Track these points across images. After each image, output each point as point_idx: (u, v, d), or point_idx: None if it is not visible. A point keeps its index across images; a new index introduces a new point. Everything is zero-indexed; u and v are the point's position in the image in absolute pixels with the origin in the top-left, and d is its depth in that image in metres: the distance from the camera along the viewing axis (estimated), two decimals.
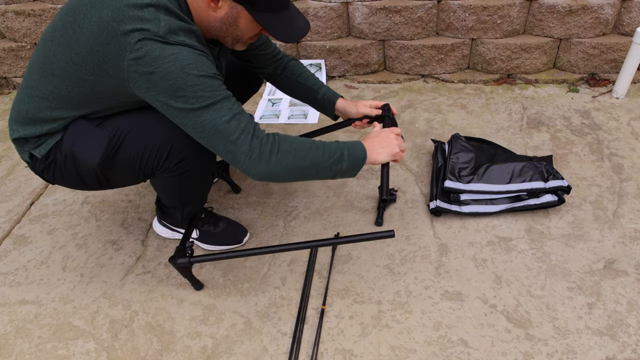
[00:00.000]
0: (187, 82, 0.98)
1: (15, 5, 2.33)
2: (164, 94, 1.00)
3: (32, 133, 1.18)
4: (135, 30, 0.95)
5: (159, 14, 0.98)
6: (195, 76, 0.99)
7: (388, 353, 1.24)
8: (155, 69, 0.96)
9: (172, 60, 0.97)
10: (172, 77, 0.97)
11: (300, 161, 1.11)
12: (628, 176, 1.74)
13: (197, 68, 0.99)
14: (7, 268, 1.54)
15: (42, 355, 1.28)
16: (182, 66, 0.97)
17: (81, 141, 1.16)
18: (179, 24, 1.00)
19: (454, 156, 1.69)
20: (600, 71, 2.31)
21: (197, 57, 1.00)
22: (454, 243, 1.53)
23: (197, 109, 1.01)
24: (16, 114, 1.19)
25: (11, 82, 2.56)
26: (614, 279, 1.38)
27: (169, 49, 0.97)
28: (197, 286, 1.42)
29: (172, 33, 0.98)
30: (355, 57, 2.37)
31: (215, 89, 1.02)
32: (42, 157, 1.20)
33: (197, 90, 0.99)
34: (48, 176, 1.25)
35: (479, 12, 2.17)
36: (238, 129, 1.04)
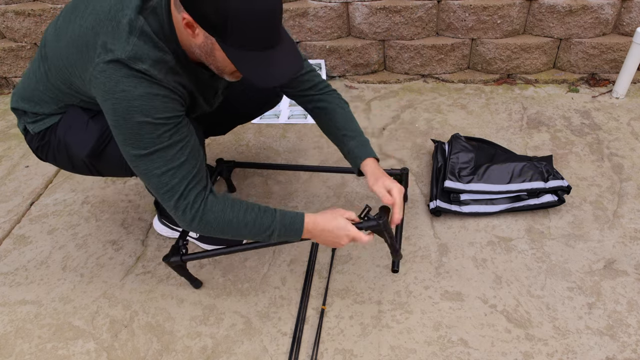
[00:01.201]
0: (128, 125, 0.96)
1: (15, 5, 2.33)
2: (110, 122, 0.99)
3: (30, 108, 1.21)
4: (104, 47, 0.94)
5: (131, 36, 0.95)
6: (137, 122, 0.95)
7: (388, 353, 1.24)
8: (106, 99, 0.96)
9: (120, 97, 0.94)
10: (116, 114, 0.96)
11: (222, 234, 1.09)
12: (628, 176, 1.74)
13: (143, 112, 0.95)
14: (7, 268, 1.54)
15: (42, 355, 1.28)
16: (128, 107, 0.94)
17: (74, 130, 1.18)
18: (149, 52, 0.96)
19: (454, 156, 1.69)
20: (600, 71, 2.31)
21: (148, 98, 0.96)
22: (454, 243, 1.53)
23: (133, 154, 1.00)
24: (20, 87, 1.23)
25: (11, 82, 2.56)
26: (614, 279, 1.38)
27: (123, 84, 0.93)
28: (195, 284, 1.42)
29: (136, 59, 0.94)
30: (355, 57, 2.37)
31: (156, 137, 0.97)
32: (35, 135, 1.24)
33: (136, 135, 0.97)
34: (41, 155, 1.29)
35: (479, 12, 2.17)
36: (167, 186, 1.01)
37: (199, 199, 1.04)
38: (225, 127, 1.66)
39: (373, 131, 2.07)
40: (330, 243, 1.18)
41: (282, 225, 1.12)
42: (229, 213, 1.07)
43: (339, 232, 1.15)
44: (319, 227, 1.14)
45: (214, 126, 1.63)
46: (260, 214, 1.10)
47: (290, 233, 1.13)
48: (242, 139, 2.07)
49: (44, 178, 1.91)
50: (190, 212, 1.04)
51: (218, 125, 1.63)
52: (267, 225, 1.10)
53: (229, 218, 1.07)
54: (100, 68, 0.94)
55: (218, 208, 1.07)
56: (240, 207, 1.09)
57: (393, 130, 2.07)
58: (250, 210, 1.10)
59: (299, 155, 1.95)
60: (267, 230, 1.11)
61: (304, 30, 2.32)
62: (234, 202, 1.09)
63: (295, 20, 2.28)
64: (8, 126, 2.27)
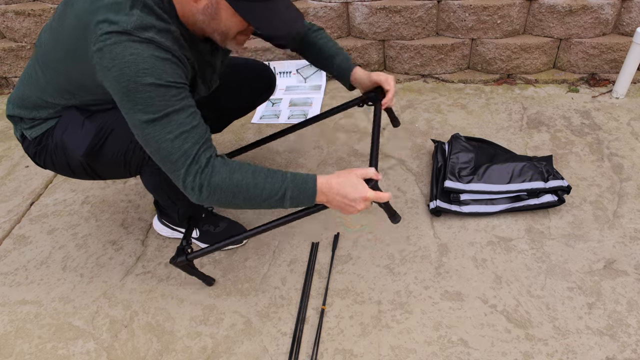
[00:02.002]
0: (138, 88, 0.93)
1: (15, 5, 2.33)
2: (117, 93, 0.96)
3: (27, 114, 1.21)
4: (105, 22, 0.92)
5: (134, 9, 0.94)
6: (147, 84, 0.93)
7: (388, 353, 1.24)
8: (112, 66, 0.92)
9: (130, 61, 0.92)
10: (125, 78, 0.92)
11: (232, 199, 1.03)
12: (628, 176, 1.74)
13: (154, 74, 0.93)
14: (7, 268, 1.54)
15: (42, 355, 1.28)
16: (137, 70, 0.92)
17: (70, 130, 1.17)
18: (154, 21, 0.96)
19: (454, 156, 1.69)
20: (600, 71, 2.31)
21: (158, 61, 0.94)
22: (454, 243, 1.53)
23: (144, 121, 0.96)
24: (15, 94, 1.23)
25: (11, 82, 2.56)
26: (614, 279, 1.38)
27: (131, 47, 0.92)
28: (207, 281, 1.41)
29: (141, 29, 0.93)
30: (355, 57, 2.37)
31: (167, 99, 0.95)
32: (33, 140, 1.23)
33: (147, 98, 0.94)
34: (39, 160, 1.28)
35: (479, 12, 2.17)
36: (180, 150, 0.98)
37: (210, 162, 1.01)
38: (221, 123, 1.66)
39: None
40: (345, 208, 1.10)
41: (294, 185, 1.05)
42: (237, 174, 1.03)
43: (355, 195, 1.07)
44: (333, 191, 1.07)
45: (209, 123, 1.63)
46: (270, 174, 1.05)
47: (303, 195, 1.07)
48: (242, 139, 2.07)
49: (44, 178, 1.91)
50: (201, 177, 0.99)
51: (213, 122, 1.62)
52: (278, 185, 1.04)
53: (237, 179, 1.02)
54: (104, 38, 0.92)
55: (226, 170, 1.02)
56: (249, 169, 1.05)
57: (393, 130, 2.07)
58: (259, 171, 1.05)
59: (299, 155, 1.95)
60: (279, 191, 1.04)
61: None
62: (242, 164, 1.05)
63: None
64: (8, 126, 2.27)
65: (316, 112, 2.22)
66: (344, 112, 2.21)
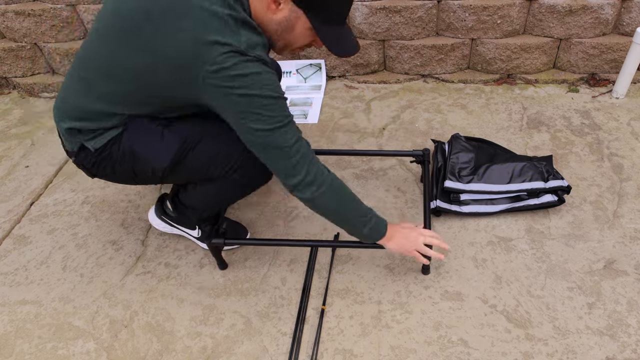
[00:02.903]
0: (263, 102, 1.01)
1: (15, 5, 2.33)
2: (237, 110, 1.02)
3: (87, 126, 1.17)
4: (217, 44, 0.95)
5: (238, 27, 0.99)
6: (270, 98, 1.02)
7: (388, 353, 1.24)
8: (234, 85, 0.98)
9: (252, 80, 0.99)
10: (250, 95, 0.99)
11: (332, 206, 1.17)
12: (628, 176, 1.74)
13: (273, 89, 1.02)
14: (7, 268, 1.54)
15: (42, 355, 1.28)
16: (261, 86, 1.00)
17: (146, 141, 1.18)
18: (257, 38, 1.02)
19: (454, 156, 1.69)
20: (600, 71, 2.31)
21: (272, 77, 1.03)
22: (454, 243, 1.53)
23: (267, 129, 1.04)
24: (66, 105, 1.19)
25: (11, 82, 2.56)
26: (614, 279, 1.38)
27: (249, 67, 0.98)
28: (222, 266, 1.47)
29: (250, 48, 0.99)
30: (355, 57, 2.37)
31: (284, 111, 1.06)
32: (95, 150, 1.19)
33: (271, 111, 1.02)
34: (97, 170, 1.24)
35: (479, 12, 2.17)
36: (299, 153, 1.08)
37: (323, 167, 1.14)
38: None
39: (373, 131, 2.07)
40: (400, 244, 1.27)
41: (377, 217, 1.24)
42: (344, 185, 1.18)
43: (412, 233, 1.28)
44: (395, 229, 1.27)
45: None
46: (360, 202, 1.22)
47: (378, 228, 1.24)
48: None
49: (44, 178, 1.91)
50: (321, 176, 1.12)
51: None
52: (366, 211, 1.22)
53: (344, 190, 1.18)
54: (221, 59, 0.96)
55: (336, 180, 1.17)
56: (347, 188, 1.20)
57: (393, 130, 2.07)
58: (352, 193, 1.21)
59: None
60: (366, 216, 1.21)
61: None
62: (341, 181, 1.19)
63: None
64: (8, 126, 2.27)
65: (316, 112, 2.22)
66: (343, 112, 2.21)
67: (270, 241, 1.54)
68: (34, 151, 2.06)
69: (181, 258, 1.54)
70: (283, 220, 1.65)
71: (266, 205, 1.72)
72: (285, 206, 1.71)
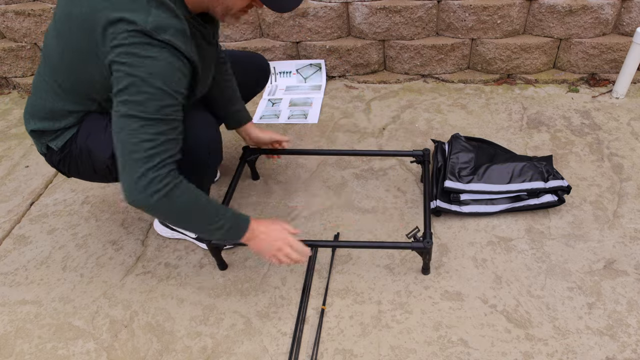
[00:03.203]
0: (144, 87, 0.96)
1: (15, 5, 2.33)
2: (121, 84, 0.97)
3: (49, 127, 1.20)
4: (123, 20, 0.94)
5: (150, 7, 0.96)
6: (154, 86, 0.97)
7: (388, 353, 1.24)
8: (128, 62, 0.95)
9: (147, 63, 0.95)
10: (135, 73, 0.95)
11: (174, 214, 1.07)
12: (628, 176, 1.74)
13: (164, 81, 0.97)
14: (7, 268, 1.54)
15: (42, 355, 1.28)
16: (150, 72, 0.96)
17: (94, 134, 1.19)
18: (169, 21, 0.98)
19: (454, 156, 1.69)
20: (600, 71, 2.31)
21: (171, 68, 0.98)
22: (454, 243, 1.53)
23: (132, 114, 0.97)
24: (32, 107, 1.22)
25: (11, 82, 2.56)
26: (614, 279, 1.38)
27: (149, 50, 0.95)
28: (222, 266, 1.47)
29: (159, 29, 0.96)
30: (355, 57, 2.37)
31: (164, 106, 0.99)
32: (58, 150, 1.23)
33: (147, 99, 0.97)
34: (64, 168, 1.29)
35: (479, 12, 2.17)
36: (147, 152, 0.99)
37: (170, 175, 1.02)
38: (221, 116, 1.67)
39: (373, 131, 2.07)
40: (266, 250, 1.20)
41: (233, 218, 1.15)
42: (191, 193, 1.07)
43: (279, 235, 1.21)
44: (261, 229, 1.19)
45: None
46: (212, 202, 1.12)
47: (237, 229, 1.16)
48: (242, 139, 2.07)
49: (44, 178, 1.91)
50: (158, 184, 1.00)
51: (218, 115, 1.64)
52: (221, 214, 1.12)
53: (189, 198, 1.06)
54: (123, 37, 0.94)
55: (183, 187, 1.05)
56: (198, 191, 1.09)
57: (393, 130, 2.07)
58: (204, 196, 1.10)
59: (299, 156, 1.95)
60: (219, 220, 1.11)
61: (304, 30, 2.32)
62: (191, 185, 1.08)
63: (295, 20, 2.28)
64: (8, 126, 2.27)
65: (316, 112, 2.21)
66: (343, 112, 2.21)
67: None
68: (34, 151, 2.06)
69: (181, 258, 1.54)
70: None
71: (266, 205, 1.72)
72: (285, 206, 1.71)
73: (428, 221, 1.40)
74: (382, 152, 1.86)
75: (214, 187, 1.81)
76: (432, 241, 1.32)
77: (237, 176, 1.62)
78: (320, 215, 1.66)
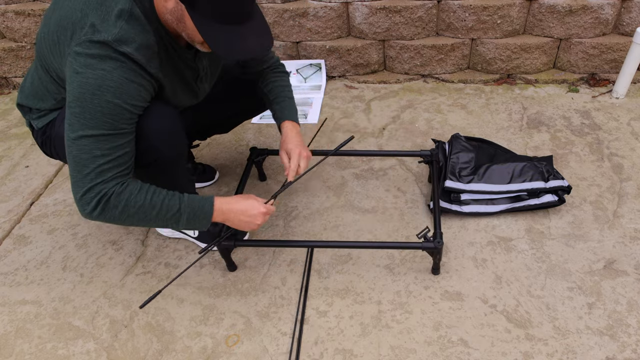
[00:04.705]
0: (93, 101, 0.96)
1: (15, 5, 2.33)
2: (72, 95, 0.98)
3: (34, 104, 1.23)
4: (91, 28, 0.95)
5: (119, 20, 0.96)
6: (105, 101, 0.96)
7: (388, 353, 1.24)
8: (82, 71, 0.96)
9: (97, 75, 0.95)
10: (86, 88, 0.96)
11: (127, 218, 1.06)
12: (628, 176, 1.74)
13: (115, 93, 0.97)
14: (7, 268, 1.54)
15: (42, 355, 1.28)
16: (101, 85, 0.95)
17: None
18: (136, 36, 0.98)
19: (454, 156, 1.69)
20: (600, 71, 2.31)
21: (124, 83, 0.97)
22: (454, 243, 1.53)
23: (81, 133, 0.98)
24: (24, 84, 1.25)
25: (11, 82, 2.56)
26: (614, 279, 1.38)
27: (105, 63, 0.95)
28: (231, 268, 1.47)
29: (121, 42, 0.96)
30: (355, 57, 2.37)
31: (116, 120, 0.99)
32: (39, 130, 1.26)
33: (97, 113, 0.97)
34: (46, 150, 1.31)
35: (479, 12, 2.17)
36: (99, 168, 1.00)
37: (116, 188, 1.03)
38: (225, 126, 1.67)
39: (373, 131, 2.07)
40: (244, 224, 1.19)
41: (190, 207, 1.11)
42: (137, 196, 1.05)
43: (253, 211, 1.18)
44: (232, 208, 1.17)
45: (214, 126, 1.64)
46: (167, 197, 1.09)
47: (200, 215, 1.13)
48: (242, 139, 2.07)
49: (44, 178, 1.91)
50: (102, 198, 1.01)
51: (218, 125, 1.64)
52: (175, 208, 1.09)
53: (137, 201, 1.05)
54: (85, 45, 0.95)
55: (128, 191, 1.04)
56: (149, 190, 1.08)
57: (393, 130, 2.07)
58: (158, 193, 1.09)
59: None
60: (176, 213, 1.09)
61: (304, 30, 2.32)
62: (142, 185, 1.08)
63: (295, 20, 2.28)
64: (8, 126, 2.27)
65: (316, 112, 2.22)
66: (344, 112, 2.21)
67: (270, 242, 1.53)
68: (34, 151, 2.06)
69: (181, 258, 1.54)
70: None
71: None
72: (285, 206, 1.71)
73: (438, 221, 1.40)
74: (388, 153, 1.83)
75: (214, 188, 1.81)
76: (443, 241, 1.32)
77: (245, 177, 1.62)
78: (320, 215, 1.66)
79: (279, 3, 2.25)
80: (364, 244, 1.48)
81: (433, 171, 1.61)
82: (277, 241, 1.54)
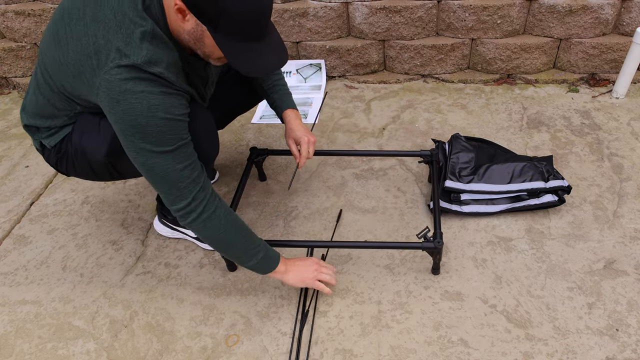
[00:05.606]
0: (150, 122, 0.97)
1: (15, 5, 2.33)
2: (122, 124, 0.99)
3: (43, 123, 1.21)
4: (118, 53, 0.95)
5: (143, 42, 0.97)
6: (160, 119, 0.98)
7: (388, 353, 1.24)
8: (122, 99, 0.96)
9: (140, 97, 0.96)
10: (136, 113, 0.96)
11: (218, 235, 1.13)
12: (628, 176, 1.74)
13: (164, 110, 0.99)
14: (7, 268, 1.54)
15: (42, 355, 1.28)
16: (149, 106, 0.97)
17: (88, 134, 1.19)
18: (162, 55, 0.99)
19: (454, 156, 1.69)
20: (600, 71, 2.31)
21: (166, 97, 0.99)
22: (454, 243, 1.53)
23: (153, 151, 1.01)
24: (28, 103, 1.23)
25: (11, 82, 2.56)
26: (614, 279, 1.38)
27: (141, 85, 0.96)
28: (231, 268, 1.49)
29: (150, 63, 0.97)
30: (355, 57, 2.37)
31: (177, 133, 1.02)
32: (52, 148, 1.24)
33: (158, 133, 0.99)
34: (62, 168, 1.29)
35: (479, 12, 2.17)
36: (189, 178, 1.06)
37: (214, 194, 1.11)
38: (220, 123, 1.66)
39: (373, 131, 2.07)
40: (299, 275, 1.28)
41: (266, 251, 1.22)
42: (232, 216, 1.15)
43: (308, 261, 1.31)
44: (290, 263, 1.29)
45: None
46: (251, 232, 1.19)
47: (267, 262, 1.23)
48: (242, 139, 2.07)
49: (44, 178, 1.91)
50: (209, 204, 1.09)
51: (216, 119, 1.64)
52: (256, 243, 1.19)
53: (231, 220, 1.14)
54: (115, 72, 0.95)
55: (226, 208, 1.13)
56: (237, 217, 1.17)
57: (393, 130, 2.07)
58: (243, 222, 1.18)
59: None
60: (254, 248, 1.18)
61: (304, 30, 2.32)
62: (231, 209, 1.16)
63: (295, 20, 2.28)
64: (8, 126, 2.27)
65: (316, 112, 2.21)
66: (343, 112, 2.21)
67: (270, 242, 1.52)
68: (34, 151, 2.06)
69: (181, 258, 1.54)
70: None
71: (266, 205, 1.72)
72: (285, 206, 1.71)
73: (438, 221, 1.40)
74: (388, 153, 1.84)
75: (214, 188, 1.81)
76: (443, 241, 1.33)
77: (245, 177, 1.62)
78: (320, 215, 1.66)
79: (279, 3, 2.25)
80: (364, 244, 1.48)
81: (433, 171, 1.61)
82: (277, 241, 1.54)
